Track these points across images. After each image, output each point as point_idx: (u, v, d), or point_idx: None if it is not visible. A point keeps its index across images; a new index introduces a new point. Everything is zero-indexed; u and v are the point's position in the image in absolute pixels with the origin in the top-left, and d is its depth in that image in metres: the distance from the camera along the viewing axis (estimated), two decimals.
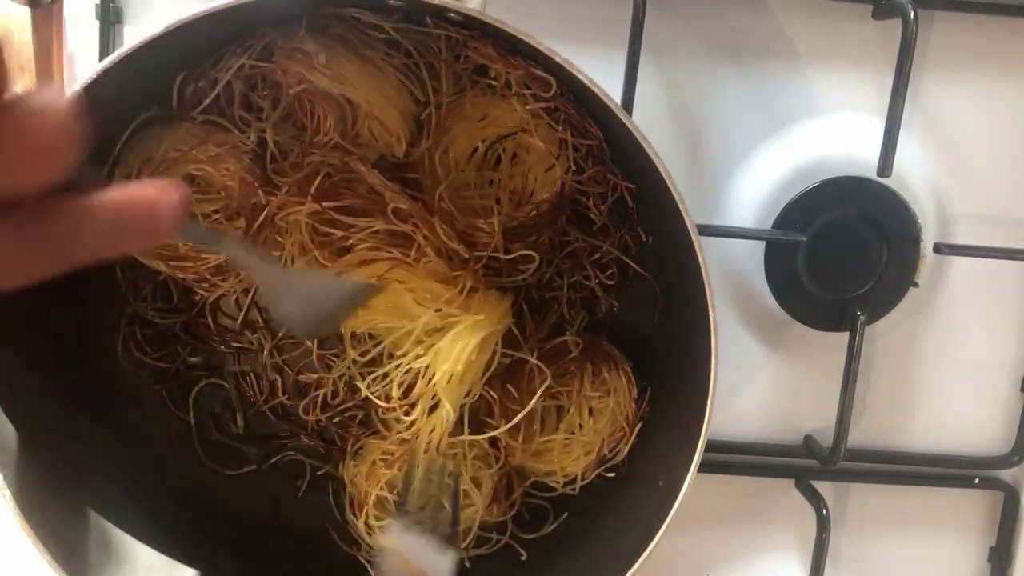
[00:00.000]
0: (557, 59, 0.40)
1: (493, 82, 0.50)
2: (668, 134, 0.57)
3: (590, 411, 0.54)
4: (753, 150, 0.58)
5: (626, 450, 0.53)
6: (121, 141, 0.48)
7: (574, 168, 0.52)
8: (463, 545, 0.53)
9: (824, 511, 0.59)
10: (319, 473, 0.56)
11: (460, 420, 0.51)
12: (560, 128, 0.51)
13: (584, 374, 0.53)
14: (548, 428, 0.54)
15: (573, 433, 0.53)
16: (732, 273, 0.59)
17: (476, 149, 0.52)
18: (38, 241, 0.24)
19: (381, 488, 0.52)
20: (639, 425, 0.53)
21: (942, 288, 0.60)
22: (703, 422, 0.43)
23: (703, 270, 0.42)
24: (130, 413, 0.54)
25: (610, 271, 0.55)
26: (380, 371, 0.50)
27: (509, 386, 0.52)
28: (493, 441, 0.53)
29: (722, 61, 0.57)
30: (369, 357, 0.51)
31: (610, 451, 0.53)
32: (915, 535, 0.64)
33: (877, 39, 0.57)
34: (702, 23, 0.56)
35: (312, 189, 0.47)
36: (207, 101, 0.48)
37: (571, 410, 0.53)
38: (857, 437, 0.61)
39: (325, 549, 0.54)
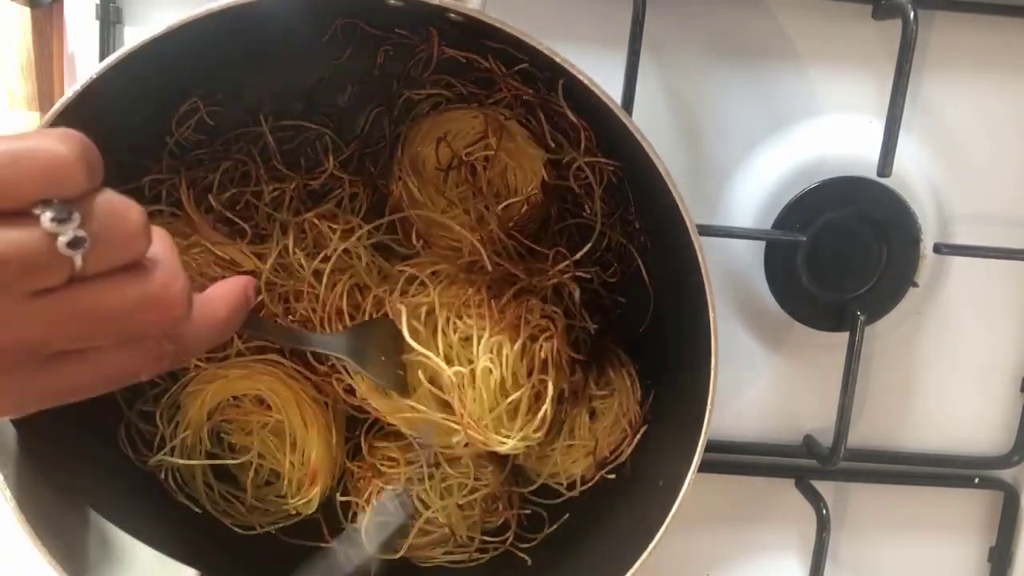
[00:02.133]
0: (557, 59, 0.40)
1: (445, 92, 0.51)
2: (668, 134, 0.57)
3: (592, 413, 0.53)
4: (753, 150, 0.58)
5: (629, 451, 0.53)
6: None
7: (553, 147, 0.52)
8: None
9: (824, 511, 0.59)
10: None
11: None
12: (525, 119, 0.51)
13: (588, 373, 0.53)
14: (552, 429, 0.54)
15: (575, 436, 0.53)
16: (732, 273, 0.59)
17: (450, 167, 0.52)
18: (158, 355, 0.30)
19: (379, 488, 0.52)
20: (643, 428, 0.53)
21: (942, 288, 0.60)
22: (703, 422, 0.43)
23: (703, 270, 0.42)
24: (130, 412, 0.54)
25: (612, 268, 0.55)
26: None
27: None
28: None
29: (722, 61, 0.57)
30: None
31: (612, 453, 0.53)
32: (915, 535, 0.64)
33: (877, 39, 0.57)
34: (702, 23, 0.56)
35: None
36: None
37: (574, 411, 0.53)
38: (857, 437, 0.61)
39: (323, 547, 0.54)
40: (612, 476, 0.53)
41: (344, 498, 0.54)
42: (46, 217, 0.25)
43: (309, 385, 0.52)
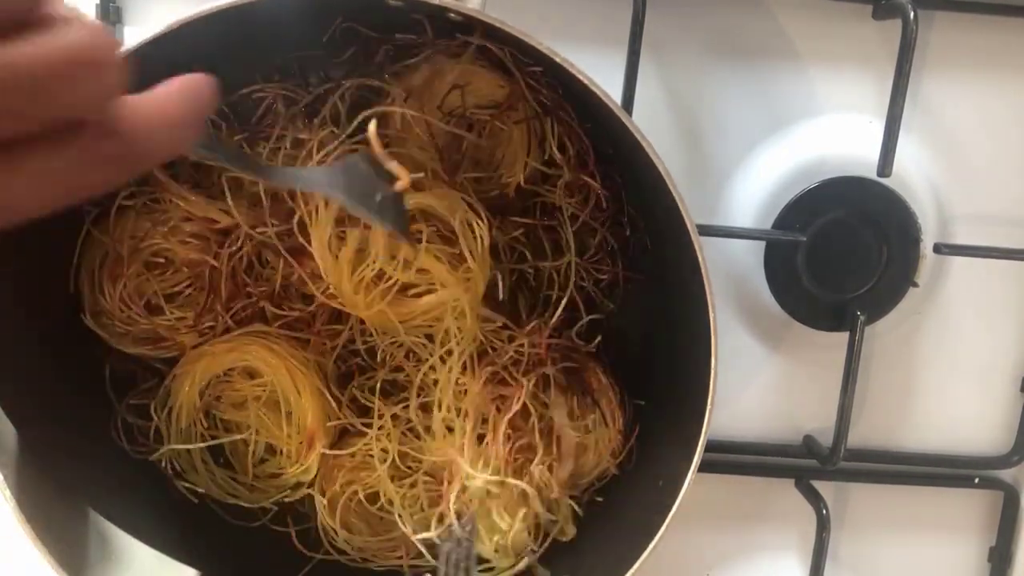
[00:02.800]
0: (557, 59, 0.40)
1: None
2: (668, 134, 0.57)
3: None
4: (753, 150, 0.58)
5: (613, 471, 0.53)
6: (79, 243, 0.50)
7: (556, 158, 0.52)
8: None
9: (824, 511, 0.59)
10: None
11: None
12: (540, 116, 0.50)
13: (570, 400, 0.52)
14: None
15: None
16: (732, 273, 0.59)
17: (451, 113, 0.51)
18: (102, 158, 0.25)
19: (356, 492, 0.53)
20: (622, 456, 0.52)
21: (942, 288, 0.60)
22: (703, 422, 0.43)
23: (703, 270, 0.42)
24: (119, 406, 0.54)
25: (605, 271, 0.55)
26: None
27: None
28: None
29: (722, 61, 0.57)
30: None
31: (597, 479, 0.53)
32: (915, 535, 0.64)
33: (877, 39, 0.57)
34: (702, 23, 0.56)
35: None
36: None
37: None
38: (857, 437, 0.61)
39: (321, 548, 0.54)
40: (599, 499, 0.54)
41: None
42: None
43: (296, 348, 0.52)
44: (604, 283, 0.55)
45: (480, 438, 0.50)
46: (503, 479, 0.49)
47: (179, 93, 0.28)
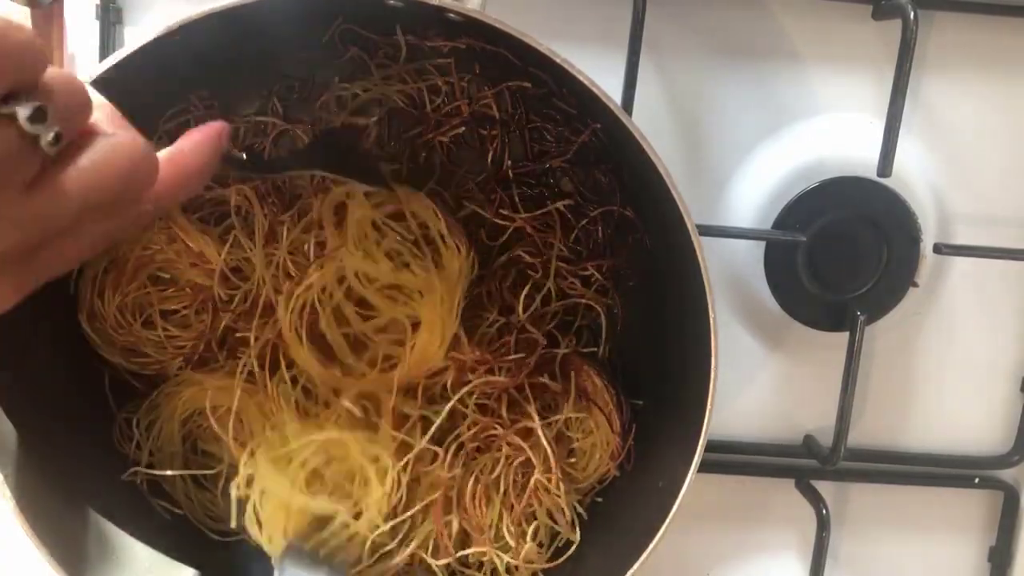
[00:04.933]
0: (557, 59, 0.40)
1: None
2: (668, 134, 0.57)
3: (571, 452, 0.53)
4: (753, 150, 0.58)
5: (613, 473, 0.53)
6: None
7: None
8: None
9: (824, 511, 0.59)
10: None
11: None
12: None
13: (564, 403, 0.52)
14: None
15: None
16: (732, 273, 0.59)
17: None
18: (137, 217, 0.31)
19: None
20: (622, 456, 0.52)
21: (942, 288, 0.60)
22: (703, 422, 0.43)
23: (703, 270, 0.42)
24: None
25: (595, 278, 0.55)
26: None
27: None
28: None
29: (722, 61, 0.57)
30: None
31: (598, 481, 0.53)
32: (915, 535, 0.64)
33: (877, 39, 0.57)
34: (702, 23, 0.56)
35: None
36: None
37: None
38: (857, 437, 0.61)
39: None
40: (600, 500, 0.54)
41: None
42: (23, 116, 0.25)
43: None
44: (601, 284, 0.55)
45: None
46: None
47: (197, 147, 0.34)
